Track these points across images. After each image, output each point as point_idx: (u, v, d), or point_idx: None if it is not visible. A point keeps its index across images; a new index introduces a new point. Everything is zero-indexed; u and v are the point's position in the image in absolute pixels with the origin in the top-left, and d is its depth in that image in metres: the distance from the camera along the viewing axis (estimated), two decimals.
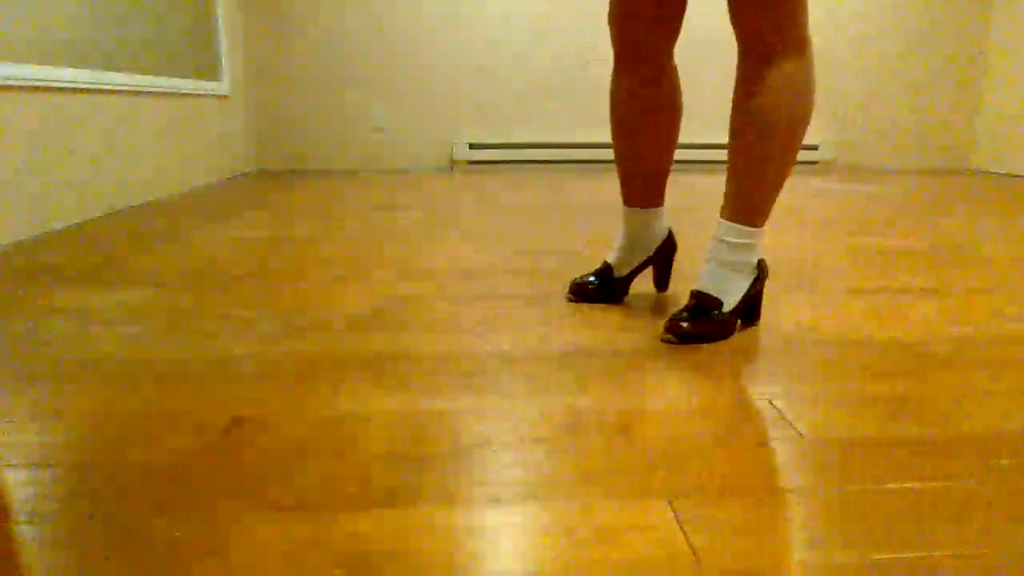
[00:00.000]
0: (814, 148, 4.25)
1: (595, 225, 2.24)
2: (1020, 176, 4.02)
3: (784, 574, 0.57)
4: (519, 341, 1.14)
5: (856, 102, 4.28)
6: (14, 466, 0.74)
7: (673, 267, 1.57)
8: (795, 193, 3.13)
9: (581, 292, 1.38)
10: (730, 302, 1.17)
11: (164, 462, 0.75)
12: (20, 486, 0.70)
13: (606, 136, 4.16)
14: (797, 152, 1.15)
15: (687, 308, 1.17)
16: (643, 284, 1.49)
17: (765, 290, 1.45)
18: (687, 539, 0.62)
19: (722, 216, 1.18)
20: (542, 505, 0.67)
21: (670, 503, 0.67)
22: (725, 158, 4.32)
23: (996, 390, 0.95)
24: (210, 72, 3.37)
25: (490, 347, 1.11)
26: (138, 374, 0.99)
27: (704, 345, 1.12)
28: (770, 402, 0.90)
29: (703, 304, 1.16)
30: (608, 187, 3.27)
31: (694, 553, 0.60)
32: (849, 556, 0.60)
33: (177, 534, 0.62)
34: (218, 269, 1.62)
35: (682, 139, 4.22)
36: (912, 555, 0.60)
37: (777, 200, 2.84)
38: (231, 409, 0.88)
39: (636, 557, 0.59)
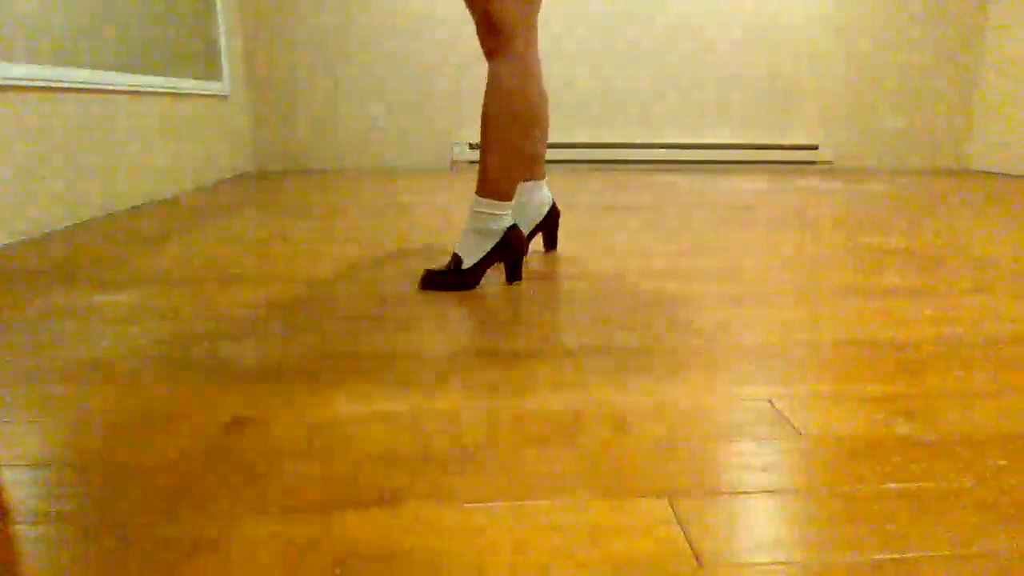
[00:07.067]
0: (813, 148, 4.26)
1: (601, 224, 2.24)
2: (1018, 176, 4.02)
3: (784, 574, 0.57)
4: (519, 340, 1.14)
5: (854, 103, 4.28)
6: (14, 466, 0.74)
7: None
8: (794, 193, 3.13)
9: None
10: (469, 261, 1.41)
11: (164, 462, 0.75)
12: (20, 486, 0.70)
13: (607, 136, 4.17)
14: (505, 140, 1.39)
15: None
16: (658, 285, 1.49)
17: (764, 288, 1.45)
18: (687, 539, 0.62)
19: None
20: (541, 504, 0.67)
21: (670, 502, 0.67)
22: (705, 159, 4.29)
23: (993, 391, 0.95)
24: (210, 72, 3.37)
25: (490, 346, 1.11)
26: (138, 374, 0.99)
27: (703, 345, 1.12)
28: (770, 402, 0.91)
29: (454, 262, 1.43)
30: (607, 187, 3.28)
31: (694, 553, 0.60)
32: (849, 556, 0.60)
33: (177, 534, 0.63)
34: (218, 269, 1.62)
35: (674, 139, 4.22)
36: (911, 555, 0.60)
37: (776, 200, 2.84)
38: (231, 409, 0.88)
39: (636, 556, 0.59)
